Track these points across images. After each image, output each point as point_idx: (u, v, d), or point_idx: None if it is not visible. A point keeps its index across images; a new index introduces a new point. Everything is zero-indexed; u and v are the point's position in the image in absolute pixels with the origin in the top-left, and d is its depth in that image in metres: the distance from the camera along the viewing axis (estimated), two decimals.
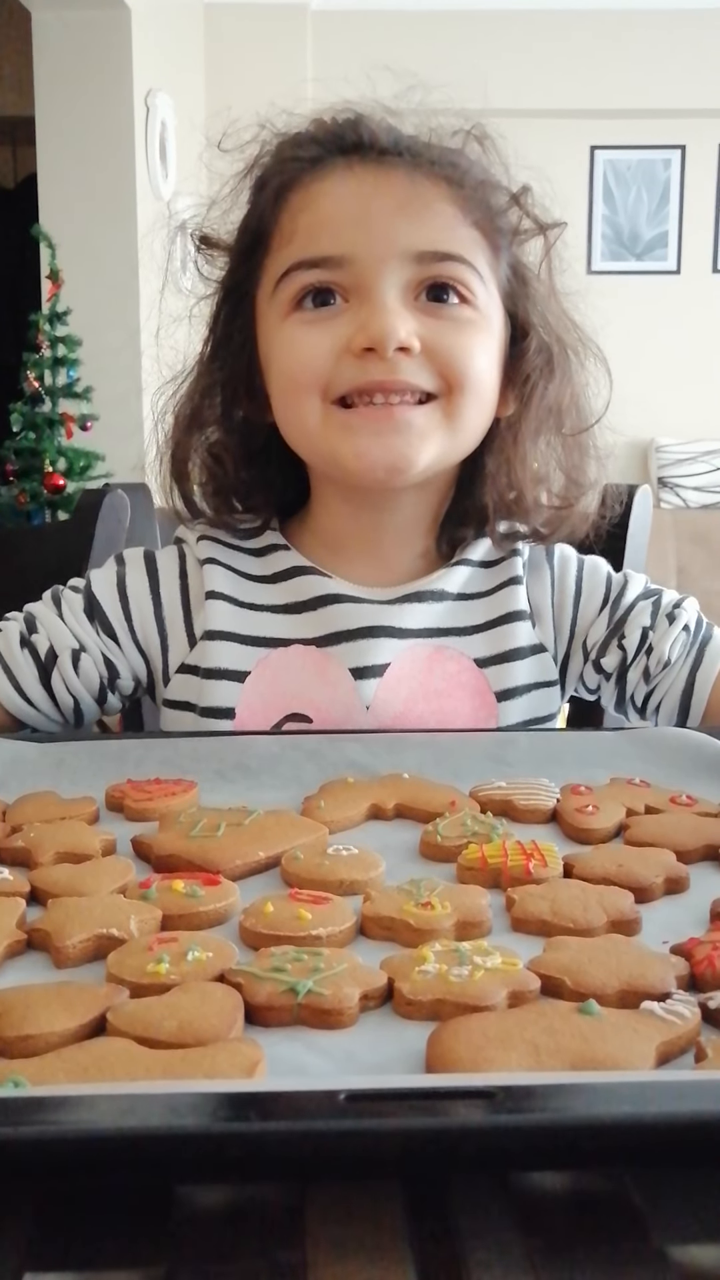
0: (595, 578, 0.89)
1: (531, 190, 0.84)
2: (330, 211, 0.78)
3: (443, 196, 0.78)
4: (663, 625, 0.85)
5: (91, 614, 0.86)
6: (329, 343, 0.78)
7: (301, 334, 0.79)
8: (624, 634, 0.85)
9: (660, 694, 0.85)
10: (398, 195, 0.77)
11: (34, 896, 0.54)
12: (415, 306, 0.78)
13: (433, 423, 0.78)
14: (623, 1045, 0.39)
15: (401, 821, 0.65)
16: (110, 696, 0.87)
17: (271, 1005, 0.42)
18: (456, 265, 0.78)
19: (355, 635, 0.84)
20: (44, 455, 3.37)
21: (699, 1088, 0.34)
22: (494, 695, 0.84)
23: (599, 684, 0.88)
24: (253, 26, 4.32)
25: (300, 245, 0.79)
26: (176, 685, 0.86)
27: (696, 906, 0.53)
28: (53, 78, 3.52)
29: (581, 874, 0.55)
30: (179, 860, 0.57)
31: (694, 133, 4.71)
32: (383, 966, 0.45)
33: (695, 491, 4.52)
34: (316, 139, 0.81)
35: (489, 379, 0.81)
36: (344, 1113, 0.32)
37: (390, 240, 0.77)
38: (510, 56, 4.42)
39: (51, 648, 0.84)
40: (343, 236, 0.77)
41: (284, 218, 0.80)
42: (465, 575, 0.87)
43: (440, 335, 0.78)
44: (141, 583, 0.88)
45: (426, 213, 0.78)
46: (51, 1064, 0.38)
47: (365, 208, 0.77)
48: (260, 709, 0.83)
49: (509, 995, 0.43)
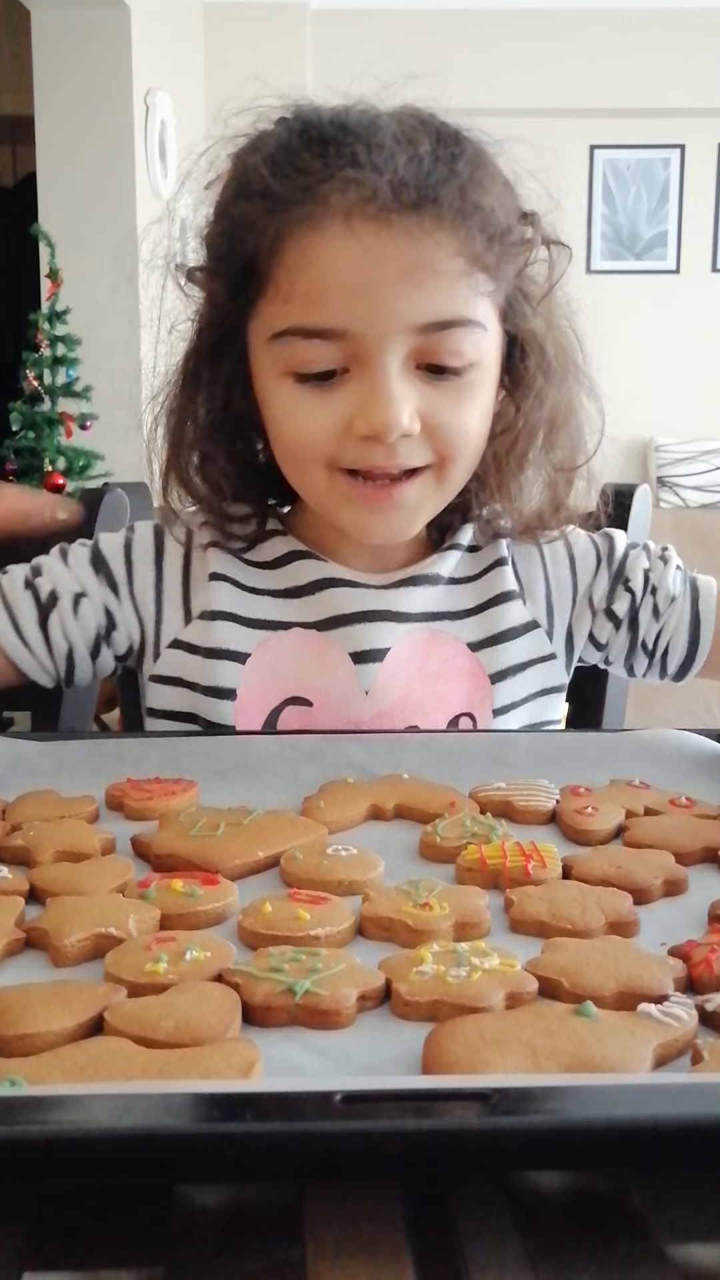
0: (581, 543, 0.91)
1: (538, 215, 0.81)
2: (330, 279, 0.74)
3: (447, 250, 0.74)
4: (659, 566, 0.90)
5: (97, 566, 0.87)
6: (330, 420, 0.77)
7: (302, 406, 0.77)
8: (628, 578, 0.89)
9: (670, 630, 0.89)
10: (401, 262, 0.73)
11: (33, 895, 0.54)
12: (415, 375, 0.76)
13: (426, 492, 0.80)
14: (620, 1047, 0.39)
15: (401, 822, 0.65)
16: (104, 650, 0.88)
17: (269, 1005, 0.42)
18: (459, 332, 0.75)
19: (354, 620, 0.85)
20: (43, 454, 3.37)
21: (695, 1090, 0.34)
22: (487, 678, 0.85)
23: (609, 636, 0.90)
24: (252, 26, 4.31)
25: (299, 310, 0.75)
26: (168, 660, 0.87)
27: (695, 908, 0.53)
28: (52, 77, 3.52)
29: (580, 875, 0.55)
30: (178, 860, 0.57)
31: (693, 132, 4.70)
32: (380, 967, 0.45)
33: (694, 491, 4.52)
34: (307, 182, 0.74)
35: (481, 436, 0.81)
36: (339, 1114, 0.32)
37: (393, 314, 0.73)
38: (510, 56, 4.42)
39: (54, 590, 0.86)
40: (343, 309, 0.74)
41: (279, 271, 0.76)
42: (455, 559, 0.89)
43: (439, 410, 0.77)
44: (147, 550, 0.89)
45: (432, 279, 0.74)
46: (49, 1063, 0.38)
47: (367, 277, 0.73)
48: (260, 691, 0.84)
49: (506, 996, 0.43)
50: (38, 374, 3.41)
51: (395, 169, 0.72)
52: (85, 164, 3.53)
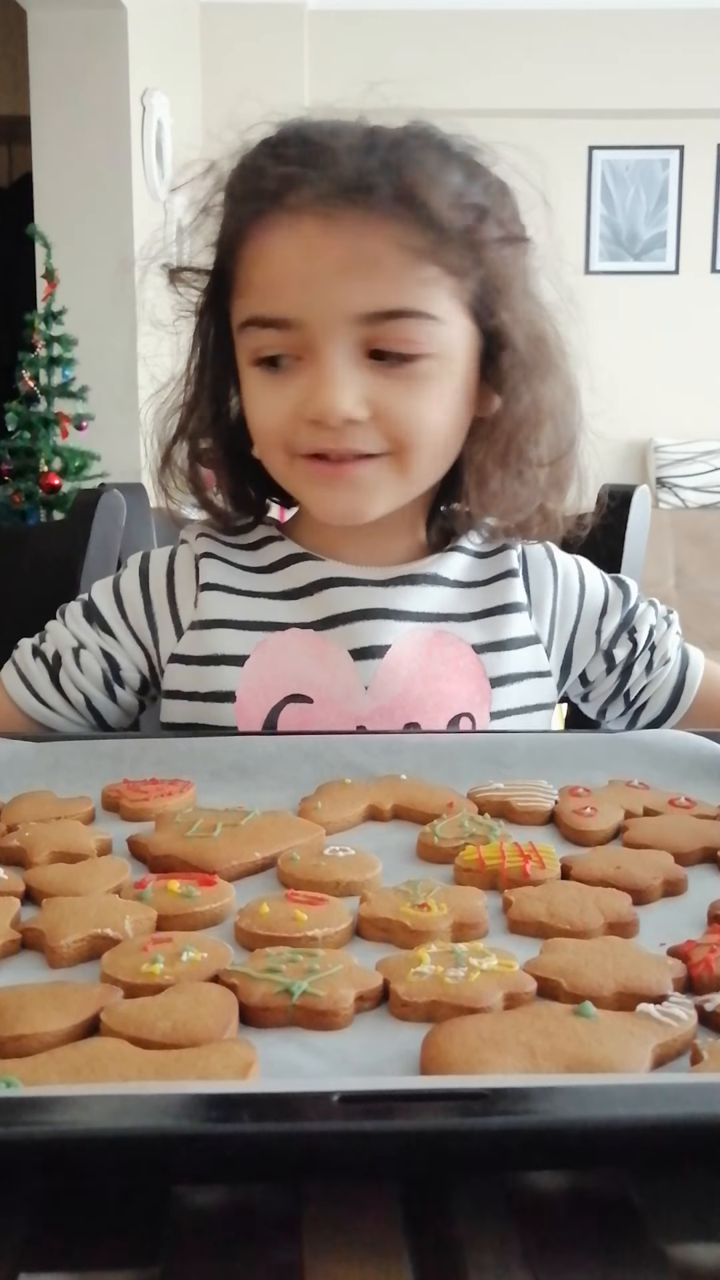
0: (593, 577, 0.94)
1: (510, 193, 0.82)
2: (277, 271, 0.77)
3: (393, 245, 0.75)
4: (663, 626, 0.93)
5: (90, 617, 0.91)
6: (284, 406, 0.79)
7: (261, 393, 0.81)
8: (635, 629, 0.92)
9: (655, 688, 0.92)
10: (342, 254, 0.75)
11: (29, 896, 0.54)
12: (367, 365, 0.77)
13: (381, 476, 0.81)
14: (619, 1048, 0.38)
15: (399, 823, 0.65)
16: (119, 690, 0.90)
17: (266, 1006, 0.42)
18: (407, 322, 0.76)
19: (353, 617, 0.85)
20: (39, 455, 3.37)
21: (695, 1090, 0.34)
22: (489, 680, 0.86)
23: (599, 676, 0.92)
24: (249, 26, 4.31)
25: (254, 301, 0.79)
26: (169, 675, 0.89)
27: (694, 908, 0.53)
28: (49, 77, 3.51)
29: (579, 876, 0.55)
30: (175, 860, 0.57)
31: (692, 133, 4.71)
32: (378, 968, 0.45)
33: (694, 491, 4.52)
34: (264, 184, 0.78)
35: (443, 428, 0.81)
36: (337, 1114, 0.32)
37: (336, 304, 0.75)
38: (508, 56, 4.42)
39: (57, 651, 0.90)
40: (289, 299, 0.77)
41: (239, 267, 0.81)
42: (463, 564, 0.90)
43: (390, 399, 0.77)
44: (133, 581, 0.91)
45: (374, 270, 0.75)
46: (45, 1064, 0.38)
47: (310, 269, 0.76)
48: (260, 692, 0.84)
49: (505, 997, 0.43)
50: (33, 374, 3.41)
51: (339, 167, 0.75)
52: (82, 164, 3.53)
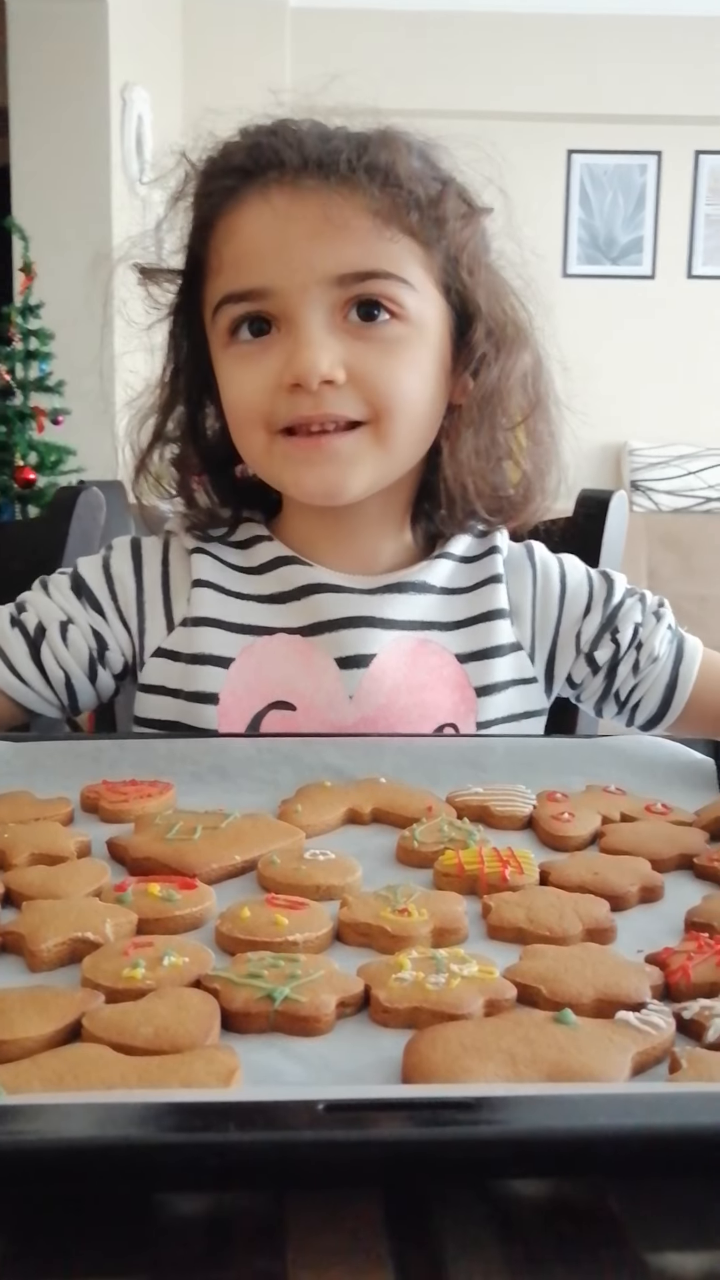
0: (576, 575, 0.91)
1: (455, 181, 0.84)
2: (249, 244, 0.79)
3: (360, 210, 0.78)
4: (650, 622, 0.89)
5: (79, 591, 0.89)
6: (263, 379, 0.80)
7: (239, 370, 0.82)
8: (617, 628, 0.89)
9: (645, 688, 0.89)
10: (312, 220, 0.77)
11: (8, 899, 0.53)
12: (344, 329, 0.79)
13: (361, 448, 0.81)
14: (599, 1055, 0.39)
15: (378, 826, 0.65)
16: (101, 672, 0.89)
17: (248, 1011, 0.42)
18: (380, 282, 0.79)
19: (340, 625, 0.85)
20: (15, 449, 3.35)
21: (674, 1099, 0.34)
22: (474, 690, 0.85)
23: (585, 678, 0.90)
24: (231, 22, 4.29)
25: (228, 279, 0.80)
26: (152, 669, 0.87)
27: (671, 915, 0.53)
28: (28, 69, 3.49)
29: (557, 881, 0.56)
30: (155, 863, 0.57)
31: (670, 139, 4.73)
32: (359, 973, 0.45)
33: (668, 495, 4.54)
34: (233, 165, 0.81)
35: (420, 397, 0.82)
36: (322, 1123, 0.32)
37: (308, 267, 0.77)
38: (489, 59, 4.42)
39: (40, 623, 0.87)
40: (263, 268, 0.78)
41: (211, 250, 0.82)
42: (448, 570, 0.89)
43: (367, 361, 0.79)
44: (126, 564, 0.90)
45: (343, 233, 0.77)
46: (26, 1070, 0.38)
47: (282, 236, 0.78)
48: (244, 695, 0.84)
49: (486, 1003, 0.43)
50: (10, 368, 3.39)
51: (305, 146, 0.79)
52: (60, 158, 3.51)
